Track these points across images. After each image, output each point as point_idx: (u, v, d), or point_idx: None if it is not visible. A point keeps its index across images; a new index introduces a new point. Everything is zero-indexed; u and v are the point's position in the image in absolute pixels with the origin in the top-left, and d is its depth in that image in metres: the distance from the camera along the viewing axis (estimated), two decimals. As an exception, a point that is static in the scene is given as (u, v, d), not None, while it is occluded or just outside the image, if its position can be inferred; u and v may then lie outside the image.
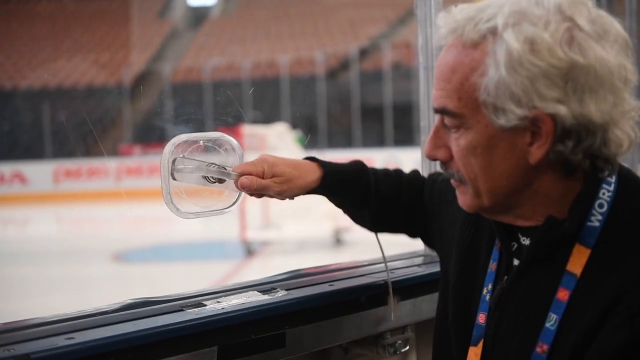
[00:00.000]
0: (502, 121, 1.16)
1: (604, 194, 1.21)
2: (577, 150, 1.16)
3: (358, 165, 1.66)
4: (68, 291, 9.35)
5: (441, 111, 1.23)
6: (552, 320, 1.19)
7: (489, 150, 1.20)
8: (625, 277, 1.14)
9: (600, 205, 1.21)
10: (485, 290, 1.34)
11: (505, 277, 1.30)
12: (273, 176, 1.54)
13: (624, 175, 1.25)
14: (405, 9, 25.07)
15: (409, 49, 21.54)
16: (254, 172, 1.52)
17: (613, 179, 1.23)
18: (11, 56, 26.45)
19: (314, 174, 1.59)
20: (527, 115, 1.14)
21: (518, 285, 1.27)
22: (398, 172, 1.73)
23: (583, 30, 1.14)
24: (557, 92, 1.12)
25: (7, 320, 1.41)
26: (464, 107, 1.19)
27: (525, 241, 1.28)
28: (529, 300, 1.24)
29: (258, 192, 1.54)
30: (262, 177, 1.53)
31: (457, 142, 1.23)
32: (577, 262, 1.19)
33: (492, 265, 1.34)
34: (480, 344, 1.31)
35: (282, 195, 1.55)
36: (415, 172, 1.77)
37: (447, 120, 1.23)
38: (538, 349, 1.19)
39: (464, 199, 1.29)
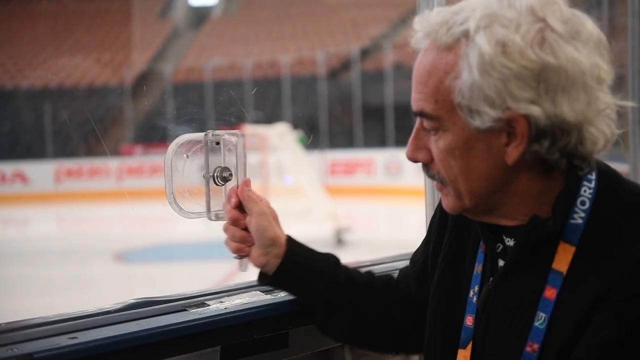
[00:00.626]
0: (477, 123, 1.18)
1: (585, 191, 1.22)
2: (553, 150, 1.17)
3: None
4: (69, 291, 9.36)
5: (420, 114, 1.25)
6: (541, 319, 1.19)
7: (466, 152, 1.21)
8: (611, 274, 1.14)
9: (582, 203, 1.22)
10: (471, 293, 1.34)
11: (491, 279, 1.31)
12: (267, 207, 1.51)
13: (604, 172, 1.26)
14: (407, 9, 25.07)
15: (410, 50, 21.51)
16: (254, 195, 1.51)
17: (593, 176, 1.24)
18: (12, 55, 26.49)
19: (284, 238, 1.51)
20: (501, 116, 1.16)
21: (504, 286, 1.27)
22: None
23: (555, 31, 1.15)
24: (530, 93, 1.14)
25: (9, 320, 1.41)
26: (441, 110, 1.21)
27: (510, 242, 1.29)
28: (515, 300, 1.25)
29: (243, 200, 1.49)
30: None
31: (436, 144, 1.24)
32: (563, 260, 1.20)
33: (478, 268, 1.35)
34: (469, 347, 1.31)
35: (260, 217, 1.47)
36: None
37: (425, 123, 1.25)
38: (528, 348, 1.20)
39: (446, 200, 1.30)
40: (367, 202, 18.39)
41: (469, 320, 1.33)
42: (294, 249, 1.51)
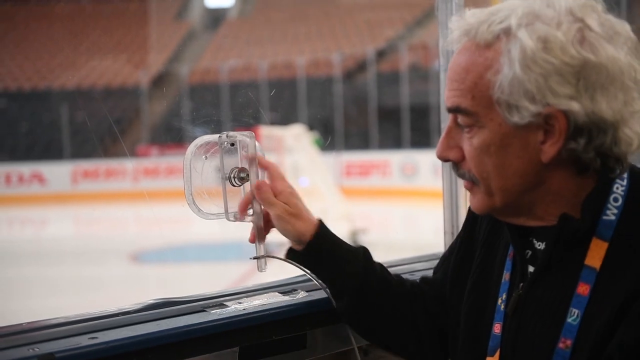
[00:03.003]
0: (515, 119, 1.18)
1: (617, 188, 1.23)
2: (589, 149, 1.18)
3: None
4: (85, 291, 9.40)
5: (455, 110, 1.25)
6: (574, 315, 1.19)
7: (502, 149, 1.21)
8: None
9: (615, 200, 1.22)
10: (499, 301, 1.34)
11: (521, 284, 1.30)
12: (286, 203, 1.52)
13: (636, 173, 1.26)
14: (422, 10, 25.04)
15: (426, 51, 21.51)
16: (276, 184, 1.53)
17: (625, 175, 1.25)
18: (30, 57, 26.67)
19: (311, 230, 1.54)
20: (540, 112, 1.16)
21: (535, 290, 1.27)
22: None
23: (594, 31, 1.16)
24: (570, 89, 1.15)
25: (30, 320, 1.42)
26: (478, 106, 1.21)
27: (541, 246, 1.29)
28: (548, 302, 1.24)
29: (264, 203, 1.52)
30: (277, 195, 1.52)
31: (470, 141, 1.24)
32: (596, 255, 1.20)
33: (506, 275, 1.35)
34: (497, 354, 1.31)
35: (278, 221, 1.51)
36: None
37: (460, 119, 1.25)
38: (561, 345, 1.19)
39: (475, 200, 1.30)
40: (383, 204, 18.36)
41: (496, 328, 1.33)
42: (323, 234, 1.54)
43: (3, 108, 24.84)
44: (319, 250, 1.53)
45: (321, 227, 1.54)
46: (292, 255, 1.55)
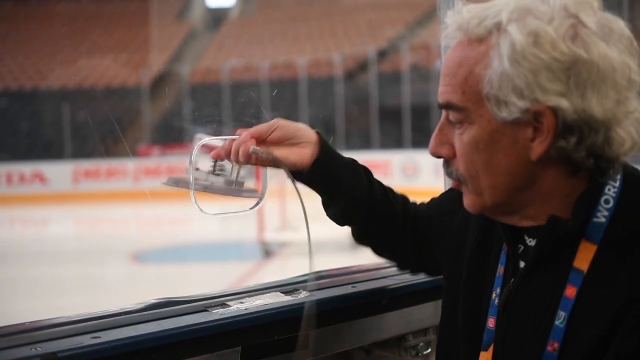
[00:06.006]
0: (504, 114, 1.16)
1: (609, 190, 1.21)
2: (580, 148, 1.16)
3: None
4: (86, 291, 9.41)
5: (445, 106, 1.24)
6: (561, 318, 1.18)
7: (491, 145, 1.20)
8: (637, 275, 1.13)
9: (606, 202, 1.20)
10: (494, 295, 1.33)
11: (512, 280, 1.29)
12: (280, 138, 1.55)
13: (629, 173, 1.24)
14: (423, 10, 25.04)
15: (427, 51, 21.49)
16: (261, 131, 1.54)
17: (618, 176, 1.22)
18: (31, 57, 26.69)
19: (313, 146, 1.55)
20: (529, 108, 1.14)
21: (525, 287, 1.26)
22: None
23: (587, 27, 1.14)
24: (559, 85, 1.13)
25: (31, 319, 1.42)
26: (468, 101, 1.20)
27: (532, 242, 1.28)
28: (536, 301, 1.23)
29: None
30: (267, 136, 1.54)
31: (460, 137, 1.23)
32: (584, 258, 1.18)
33: (500, 269, 1.34)
34: (491, 349, 1.30)
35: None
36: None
37: (451, 116, 1.24)
38: (549, 348, 1.18)
39: (466, 200, 1.29)
40: (384, 204, 18.34)
41: (490, 322, 1.31)
42: (327, 149, 1.57)
43: (4, 107, 24.86)
44: (324, 170, 1.55)
45: (322, 147, 1.55)
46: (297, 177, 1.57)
